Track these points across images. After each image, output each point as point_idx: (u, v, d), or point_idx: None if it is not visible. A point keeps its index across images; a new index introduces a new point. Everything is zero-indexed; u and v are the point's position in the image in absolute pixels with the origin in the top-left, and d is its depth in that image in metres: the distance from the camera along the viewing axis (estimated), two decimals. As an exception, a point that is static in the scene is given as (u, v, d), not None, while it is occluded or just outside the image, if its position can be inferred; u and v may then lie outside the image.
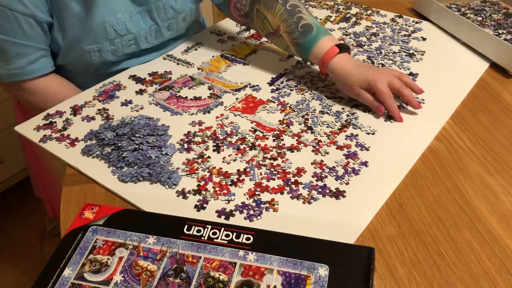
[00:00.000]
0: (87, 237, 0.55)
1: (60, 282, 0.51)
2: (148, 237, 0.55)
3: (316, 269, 0.51)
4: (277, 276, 0.50)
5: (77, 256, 0.53)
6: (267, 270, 0.51)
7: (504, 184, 0.69)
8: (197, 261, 0.52)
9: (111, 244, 0.54)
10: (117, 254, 0.53)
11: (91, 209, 0.59)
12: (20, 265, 1.52)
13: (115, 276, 0.51)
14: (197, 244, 0.54)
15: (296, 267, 0.51)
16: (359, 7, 1.24)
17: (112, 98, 0.86)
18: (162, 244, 0.54)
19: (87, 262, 0.53)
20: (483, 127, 0.81)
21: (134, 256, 0.53)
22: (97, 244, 0.54)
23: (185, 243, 0.54)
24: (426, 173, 0.70)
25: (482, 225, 0.62)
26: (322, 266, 0.51)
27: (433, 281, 0.55)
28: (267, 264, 0.51)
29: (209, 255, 0.53)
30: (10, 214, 1.70)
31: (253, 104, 0.85)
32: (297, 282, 0.50)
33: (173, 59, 0.98)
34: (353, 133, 0.78)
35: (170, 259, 0.53)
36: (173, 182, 0.67)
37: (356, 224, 0.61)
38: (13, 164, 1.62)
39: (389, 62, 0.98)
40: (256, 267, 0.51)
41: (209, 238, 0.55)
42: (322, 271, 0.50)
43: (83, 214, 0.58)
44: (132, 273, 0.51)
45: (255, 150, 0.74)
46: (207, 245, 0.54)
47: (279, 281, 0.50)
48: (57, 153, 0.73)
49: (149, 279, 0.51)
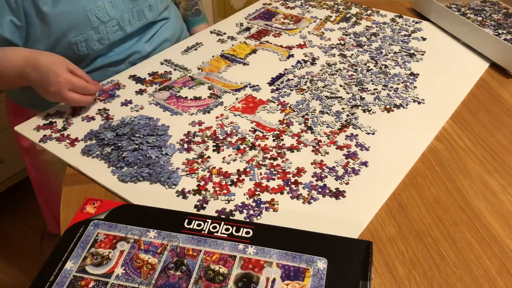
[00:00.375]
0: (89, 231, 0.56)
1: (62, 275, 0.51)
2: (149, 231, 0.55)
3: (314, 262, 0.51)
4: (276, 269, 0.51)
5: (78, 250, 0.54)
6: (266, 263, 0.51)
7: (504, 184, 0.69)
8: (198, 255, 0.53)
9: (112, 238, 0.55)
10: (118, 247, 0.54)
11: (92, 203, 0.59)
12: (20, 265, 1.52)
13: (117, 269, 0.52)
14: (198, 237, 0.55)
15: (295, 260, 0.51)
16: (359, 7, 1.24)
17: (113, 97, 0.86)
18: (163, 238, 0.55)
19: (89, 256, 0.53)
20: (483, 127, 0.81)
21: (135, 249, 0.54)
22: (99, 238, 0.55)
23: (186, 237, 0.55)
24: (426, 173, 0.70)
25: (482, 225, 0.62)
26: (321, 259, 0.51)
27: (433, 281, 0.55)
28: (266, 257, 0.52)
29: (209, 248, 0.53)
30: (10, 214, 1.70)
31: (253, 104, 0.85)
32: (296, 274, 0.50)
33: (170, 64, 0.98)
34: (353, 133, 0.78)
35: (170, 253, 0.53)
36: (173, 182, 0.67)
37: (356, 224, 0.61)
38: (13, 164, 1.62)
39: (392, 64, 0.98)
40: (256, 260, 0.52)
41: (209, 232, 0.55)
42: (320, 264, 0.51)
43: (85, 209, 0.59)
44: (133, 266, 0.52)
45: (255, 150, 0.74)
46: (207, 238, 0.54)
47: (278, 274, 0.50)
48: (57, 153, 0.73)
49: (150, 272, 0.51)
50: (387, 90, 0.89)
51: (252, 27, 1.13)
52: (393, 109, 0.84)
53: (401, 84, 0.91)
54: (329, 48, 1.03)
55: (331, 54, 1.01)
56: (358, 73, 0.94)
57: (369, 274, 0.50)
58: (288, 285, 0.49)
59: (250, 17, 1.19)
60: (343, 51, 1.02)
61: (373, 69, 0.96)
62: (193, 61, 0.98)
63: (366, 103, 0.85)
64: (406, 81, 0.92)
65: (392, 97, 0.87)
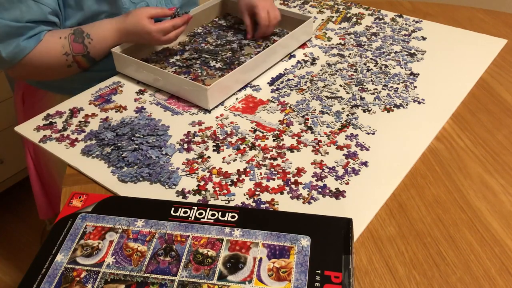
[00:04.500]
0: (77, 223, 0.57)
1: (53, 267, 0.52)
2: (137, 221, 0.57)
3: (298, 240, 0.54)
4: (262, 248, 0.53)
5: (68, 242, 0.55)
6: (252, 244, 0.54)
7: (504, 184, 0.69)
8: (186, 240, 0.54)
9: (101, 229, 0.56)
10: (108, 238, 0.55)
11: (78, 197, 0.60)
12: (20, 265, 1.52)
13: (107, 258, 0.53)
14: (185, 224, 0.56)
15: (280, 240, 0.54)
16: (359, 7, 1.24)
17: (108, 102, 0.86)
18: (151, 226, 0.56)
19: (79, 247, 0.54)
20: (483, 127, 0.81)
21: (124, 239, 0.55)
22: (87, 230, 0.56)
23: (173, 224, 0.56)
24: (426, 173, 0.70)
25: (482, 225, 0.62)
26: (304, 237, 0.54)
27: (433, 281, 0.55)
28: (252, 239, 0.54)
29: (196, 233, 0.55)
30: (10, 214, 1.70)
31: (253, 104, 0.85)
32: (282, 253, 0.52)
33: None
34: (353, 133, 0.78)
35: (159, 240, 0.55)
36: (173, 182, 0.67)
37: (356, 224, 0.61)
38: (13, 164, 1.62)
39: (392, 63, 0.98)
40: (242, 242, 0.54)
41: (195, 218, 0.57)
42: (304, 241, 0.53)
43: (71, 203, 0.60)
44: (123, 255, 0.53)
45: (255, 150, 0.74)
46: (194, 224, 0.56)
47: (264, 253, 0.52)
48: (57, 153, 0.73)
49: (140, 259, 0.53)
50: (387, 90, 0.89)
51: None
52: (393, 109, 0.84)
53: (401, 84, 0.91)
54: (329, 48, 1.03)
55: (331, 54, 1.01)
56: (358, 73, 0.94)
57: (351, 248, 0.52)
58: (275, 263, 0.52)
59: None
60: (343, 51, 1.02)
61: (373, 69, 0.96)
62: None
63: (366, 103, 0.85)
64: (406, 81, 0.92)
65: (392, 97, 0.87)
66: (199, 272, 0.51)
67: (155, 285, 0.50)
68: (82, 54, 0.88)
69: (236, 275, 0.51)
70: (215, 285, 0.50)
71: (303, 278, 0.50)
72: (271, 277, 0.50)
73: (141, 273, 0.51)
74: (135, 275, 0.51)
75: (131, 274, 0.51)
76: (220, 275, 0.51)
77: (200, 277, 0.50)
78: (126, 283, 0.50)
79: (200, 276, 0.51)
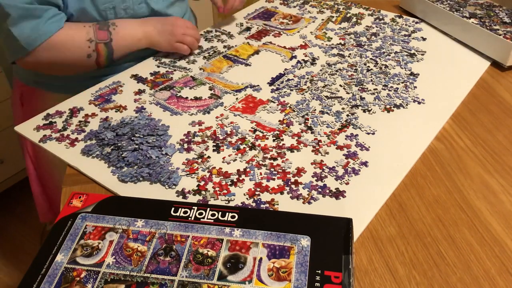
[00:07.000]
0: (77, 223, 0.57)
1: (53, 267, 0.52)
2: (137, 221, 0.57)
3: (298, 240, 0.54)
4: (262, 248, 0.53)
5: (68, 242, 0.55)
6: (252, 244, 0.53)
7: (504, 184, 0.69)
8: (186, 240, 0.54)
9: (101, 229, 0.56)
10: (108, 238, 0.55)
11: (78, 197, 0.60)
12: (20, 265, 1.52)
13: (107, 258, 0.53)
14: (185, 224, 0.56)
15: (280, 240, 0.54)
16: (359, 7, 1.24)
17: (108, 102, 0.86)
18: (151, 226, 0.56)
19: (79, 247, 0.54)
20: (483, 127, 0.81)
21: (124, 239, 0.55)
22: (87, 230, 0.56)
23: (173, 224, 0.56)
24: (426, 173, 0.70)
25: (482, 225, 0.62)
26: (304, 237, 0.54)
27: (433, 281, 0.55)
28: (252, 239, 0.54)
29: (196, 233, 0.55)
30: (10, 214, 1.70)
31: (253, 104, 0.85)
32: (282, 253, 0.52)
33: (172, 64, 0.98)
34: (353, 133, 0.78)
35: (159, 240, 0.55)
36: (173, 182, 0.67)
37: (356, 224, 0.61)
38: (13, 164, 1.62)
39: (392, 63, 0.98)
40: (242, 242, 0.54)
41: (195, 218, 0.57)
42: (304, 241, 0.53)
43: (71, 203, 0.60)
44: (123, 255, 0.53)
45: (255, 150, 0.74)
46: (194, 224, 0.56)
47: (264, 253, 0.52)
48: (57, 153, 0.73)
49: (140, 259, 0.53)
50: (387, 90, 0.89)
51: (252, 27, 1.13)
52: (393, 109, 0.84)
53: (401, 84, 0.91)
54: (329, 48, 1.03)
55: (331, 54, 1.01)
56: (358, 73, 0.94)
57: (351, 248, 0.52)
58: (275, 263, 0.52)
59: (249, 17, 1.19)
60: (343, 51, 1.02)
61: (373, 69, 0.96)
62: (190, 65, 0.98)
63: (366, 103, 0.85)
64: (406, 81, 0.92)
65: (392, 97, 0.87)
66: (199, 272, 0.51)
67: (155, 285, 0.50)
68: (105, 42, 0.89)
69: (236, 275, 0.51)
70: (215, 285, 0.50)
71: (303, 278, 0.50)
72: (271, 277, 0.50)
73: (141, 273, 0.51)
74: (135, 275, 0.51)
75: (131, 274, 0.51)
76: (220, 275, 0.51)
77: (200, 277, 0.50)
78: (126, 283, 0.50)
79: (200, 276, 0.51)
